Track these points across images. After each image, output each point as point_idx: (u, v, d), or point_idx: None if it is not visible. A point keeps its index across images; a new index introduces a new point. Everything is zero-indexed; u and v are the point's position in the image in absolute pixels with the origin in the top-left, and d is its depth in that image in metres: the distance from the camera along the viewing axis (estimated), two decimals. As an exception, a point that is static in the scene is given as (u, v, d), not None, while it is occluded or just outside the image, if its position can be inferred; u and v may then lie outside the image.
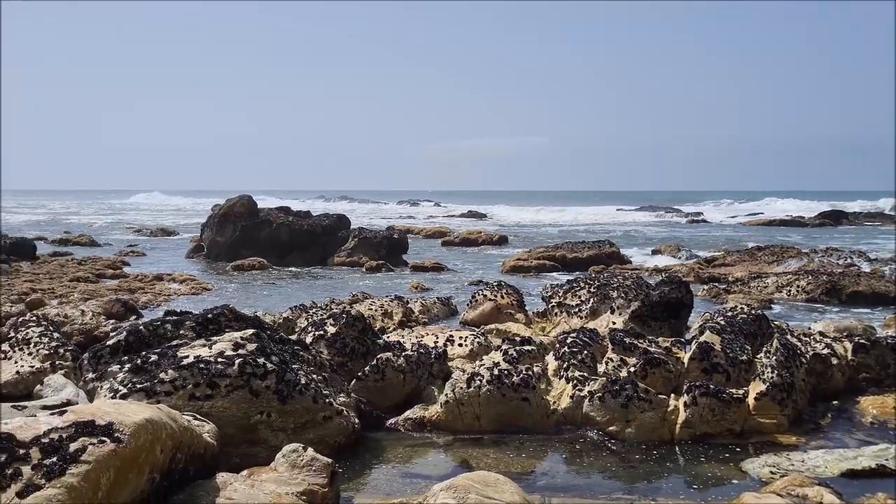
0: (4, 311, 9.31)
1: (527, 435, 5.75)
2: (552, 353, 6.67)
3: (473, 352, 7.43)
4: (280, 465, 4.12)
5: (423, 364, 6.56)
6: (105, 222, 42.06)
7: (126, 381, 5.03)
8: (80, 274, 15.38)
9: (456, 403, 5.86)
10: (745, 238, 30.34)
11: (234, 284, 15.54)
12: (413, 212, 58.26)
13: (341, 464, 4.72)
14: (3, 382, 6.48)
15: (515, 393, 5.85)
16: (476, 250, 24.53)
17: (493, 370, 5.97)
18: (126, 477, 3.48)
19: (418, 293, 13.62)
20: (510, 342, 6.77)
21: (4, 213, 51.99)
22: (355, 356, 6.62)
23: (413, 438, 5.76)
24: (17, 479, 3.16)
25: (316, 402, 5.23)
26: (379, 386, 6.21)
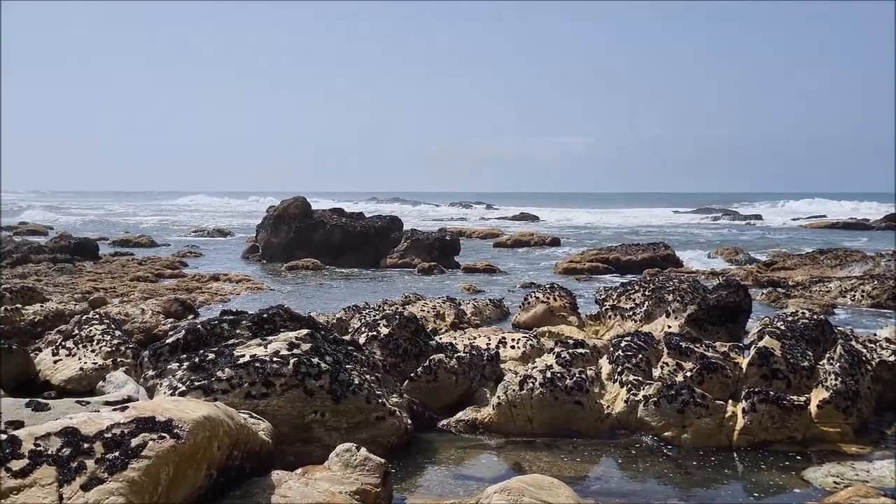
0: (69, 309, 9.60)
1: (580, 439, 5.69)
2: (606, 356, 6.59)
3: (526, 354, 7.39)
4: (333, 465, 4.15)
5: (476, 366, 6.54)
6: (161, 223, 43.09)
7: (184, 379, 5.13)
8: (141, 273, 15.78)
9: (508, 406, 5.83)
10: (805, 241, 29.56)
11: (289, 285, 15.75)
12: (465, 213, 58.33)
13: (394, 464, 4.73)
14: (68, 378, 6.68)
15: (568, 396, 5.80)
16: (528, 252, 24.42)
17: (546, 373, 5.93)
18: (185, 473, 3.54)
19: (470, 295, 13.62)
20: (563, 345, 6.71)
21: (65, 215, 53.73)
22: (408, 357, 6.64)
23: (465, 440, 5.75)
24: (82, 473, 3.25)
25: (369, 403, 5.26)
26: (431, 387, 6.22)
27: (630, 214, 56.06)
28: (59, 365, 6.86)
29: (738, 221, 48.36)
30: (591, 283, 15.95)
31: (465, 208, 67.96)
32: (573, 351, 6.44)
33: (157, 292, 12.87)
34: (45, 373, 6.83)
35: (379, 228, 21.00)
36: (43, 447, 3.35)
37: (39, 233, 31.11)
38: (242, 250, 22.80)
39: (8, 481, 3.17)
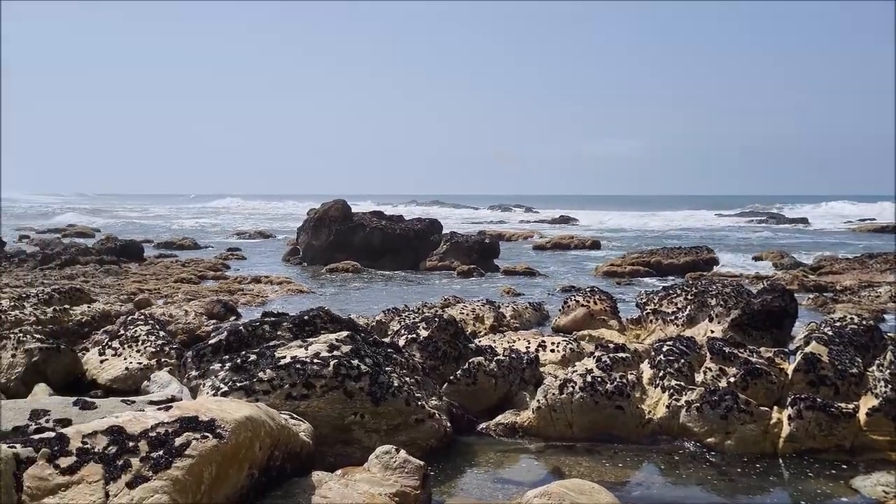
0: (115, 310, 9.79)
1: (621, 444, 5.63)
2: (647, 361, 6.51)
3: (566, 358, 7.34)
4: (373, 466, 4.16)
5: (515, 369, 6.52)
6: (202, 225, 43.72)
7: (227, 380, 5.19)
8: (184, 275, 16.04)
9: (548, 410, 5.79)
10: (854, 245, 28.92)
11: (329, 287, 15.88)
12: (504, 216, 58.21)
13: (433, 467, 4.73)
14: (114, 378, 6.81)
15: (609, 401, 5.74)
16: (568, 255, 24.28)
17: (587, 377, 5.88)
18: (227, 472, 3.58)
19: (510, 298, 13.58)
20: (603, 349, 6.64)
21: (108, 217, 54.84)
22: (447, 360, 6.64)
23: (504, 444, 5.73)
24: (127, 471, 3.31)
25: (408, 405, 5.26)
26: (470, 390, 6.21)
27: (672, 217, 55.41)
28: (106, 364, 7.00)
29: (783, 225, 47.48)
30: (631, 286, 15.79)
31: (504, 211, 67.82)
32: (614, 355, 6.37)
33: (200, 294, 13.07)
34: (92, 372, 6.97)
35: (418, 231, 21.05)
36: (90, 445, 3.42)
37: (87, 235, 31.82)
38: (283, 253, 23.04)
39: (56, 478, 3.24)
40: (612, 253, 23.82)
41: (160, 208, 76.84)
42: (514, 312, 10.58)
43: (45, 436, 3.50)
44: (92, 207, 76.98)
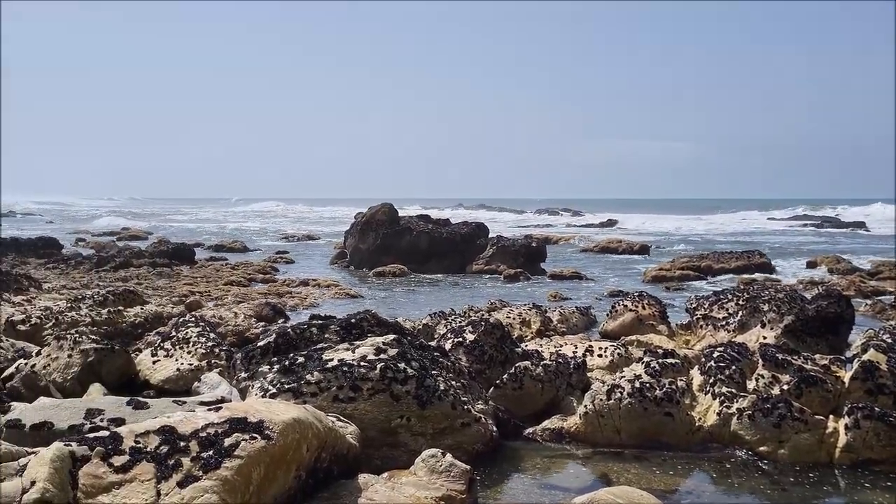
0: (167, 312, 9.99)
1: (670, 451, 5.54)
2: (697, 367, 6.40)
3: (613, 363, 7.26)
4: (419, 470, 4.16)
5: (562, 374, 6.47)
6: (249, 228, 44.34)
7: (275, 382, 5.25)
8: (234, 278, 16.30)
9: (595, 415, 5.73)
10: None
11: (376, 290, 15.97)
12: (551, 220, 57.88)
13: (479, 471, 4.72)
14: (165, 379, 6.94)
15: (658, 407, 5.65)
16: (616, 259, 24.03)
17: (635, 383, 5.80)
18: (275, 473, 3.62)
19: (556, 302, 13.50)
20: (652, 354, 6.55)
21: (160, 220, 55.99)
22: (493, 364, 6.62)
23: (551, 449, 5.68)
24: (178, 470, 3.36)
25: (454, 409, 5.25)
26: (517, 394, 6.18)
27: (722, 221, 54.48)
28: (158, 365, 7.14)
29: (840, 229, 46.27)
30: (681, 291, 15.56)
31: (551, 215, 67.45)
32: (663, 361, 6.28)
33: (250, 296, 13.26)
34: (145, 372, 7.11)
35: (465, 235, 21.05)
36: (142, 444, 3.48)
37: (140, 238, 32.56)
38: (330, 256, 23.26)
39: (110, 476, 3.31)
40: (662, 257, 23.50)
41: (208, 212, 78.24)
42: (560, 317, 10.51)
43: (100, 434, 3.57)
44: (144, 211, 78.83)
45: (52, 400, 5.23)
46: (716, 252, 20.48)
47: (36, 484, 3.17)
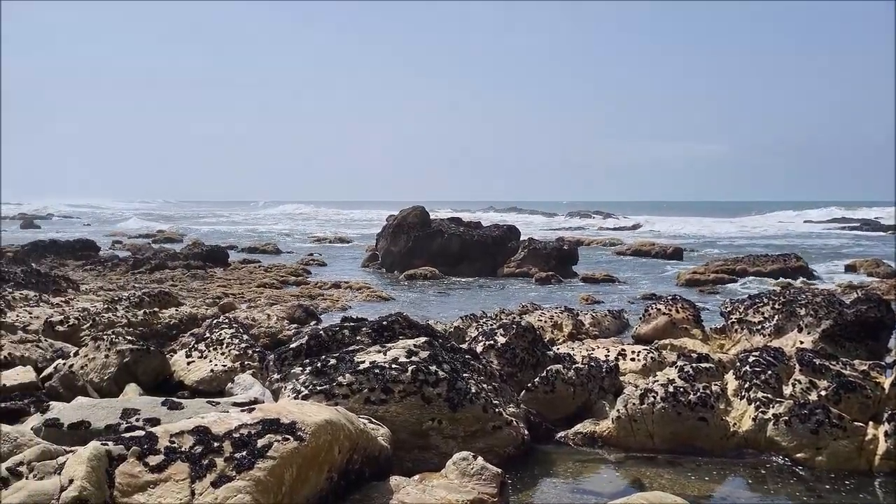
0: (201, 314, 10.09)
1: (704, 457, 5.47)
2: (732, 371, 6.32)
3: (646, 367, 7.19)
4: (450, 472, 4.15)
5: (594, 377, 6.42)
6: (281, 231, 44.68)
7: (307, 383, 5.28)
8: (267, 280, 16.44)
9: (628, 420, 5.68)
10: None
11: (407, 293, 16.00)
12: (583, 223, 57.56)
13: (511, 475, 4.70)
14: (199, 380, 7.01)
15: (692, 412, 5.58)
16: (648, 262, 23.81)
17: (668, 387, 5.74)
18: (307, 474, 3.63)
19: (588, 305, 13.41)
20: (686, 359, 6.48)
21: (190, 222, 56.62)
22: (525, 367, 6.59)
23: (583, 453, 5.64)
24: (212, 470, 3.39)
25: (486, 412, 5.24)
26: (548, 398, 6.14)
27: (757, 223, 53.73)
28: (192, 366, 7.22)
29: (878, 232, 45.34)
30: (715, 295, 15.37)
31: (582, 218, 67.06)
32: (697, 365, 6.20)
33: (282, 298, 13.36)
34: (180, 373, 7.19)
35: (496, 237, 21.02)
36: (177, 444, 3.52)
37: (174, 240, 33.01)
38: (362, 259, 23.35)
39: (145, 475, 3.35)
40: (695, 260, 23.24)
41: (239, 214, 79.04)
42: (593, 320, 10.43)
43: (136, 434, 3.62)
44: (177, 214, 79.83)
45: (89, 400, 5.30)
46: (750, 255, 20.20)
47: (74, 482, 3.21)
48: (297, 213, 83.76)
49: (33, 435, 4.11)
